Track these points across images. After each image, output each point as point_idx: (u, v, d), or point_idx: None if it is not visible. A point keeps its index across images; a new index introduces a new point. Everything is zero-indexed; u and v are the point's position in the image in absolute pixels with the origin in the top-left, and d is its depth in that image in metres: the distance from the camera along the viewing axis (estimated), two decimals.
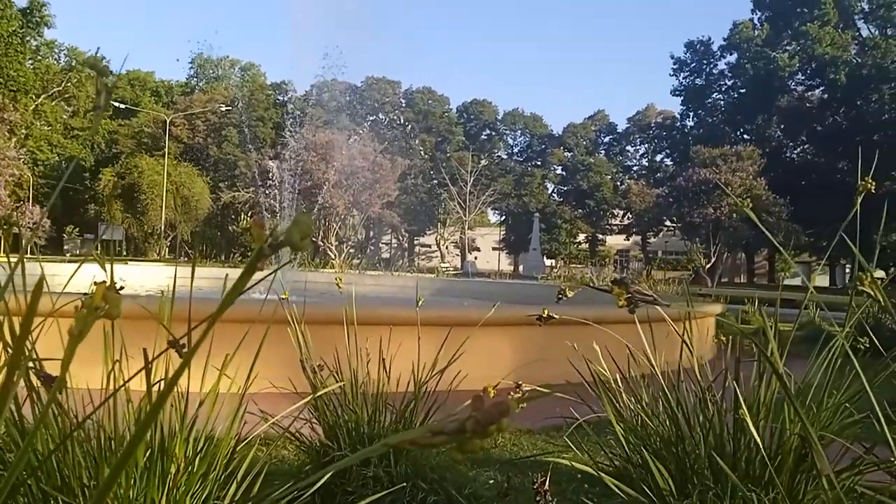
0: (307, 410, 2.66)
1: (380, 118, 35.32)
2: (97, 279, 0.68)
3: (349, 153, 30.47)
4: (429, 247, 58.37)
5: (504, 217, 58.62)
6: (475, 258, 49.16)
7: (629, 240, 57.85)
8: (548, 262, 44.20)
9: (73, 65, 47.74)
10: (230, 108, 47.31)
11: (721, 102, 48.74)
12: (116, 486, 1.57)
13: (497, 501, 2.61)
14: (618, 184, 55.27)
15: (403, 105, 56.03)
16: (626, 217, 52.95)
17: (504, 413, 0.44)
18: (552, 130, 58.41)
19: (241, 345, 1.91)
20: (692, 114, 50.30)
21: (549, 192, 57.46)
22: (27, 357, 1.33)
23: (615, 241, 59.43)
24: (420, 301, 3.08)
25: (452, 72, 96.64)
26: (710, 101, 48.98)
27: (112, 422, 1.65)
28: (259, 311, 2.15)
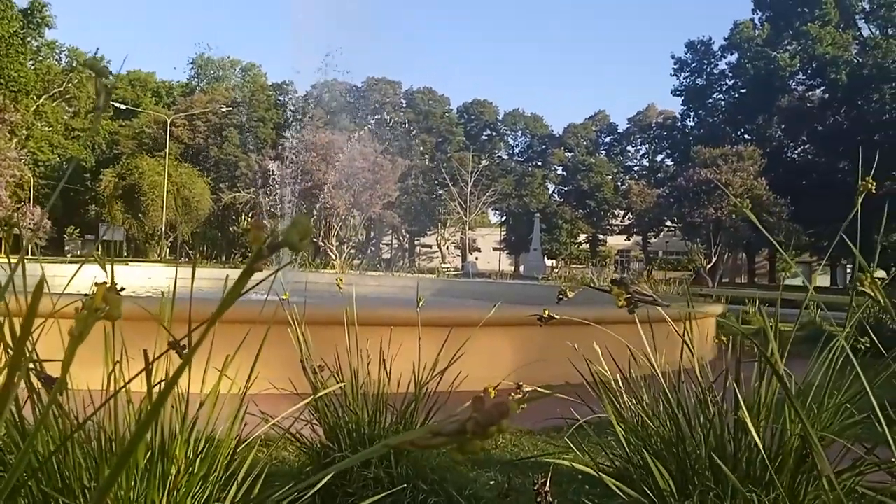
0: (308, 411, 2.66)
1: (381, 118, 35.31)
2: (98, 280, 0.68)
3: (350, 154, 30.46)
4: (429, 247, 58.39)
5: (505, 217, 58.64)
6: (476, 258, 49.15)
7: (630, 240, 57.84)
8: (548, 263, 44.19)
9: (74, 65, 47.75)
10: (231, 109, 47.35)
11: (722, 102, 48.75)
12: (117, 488, 1.57)
13: (498, 502, 2.61)
14: (618, 184, 55.28)
15: (404, 105, 56.04)
16: (627, 217, 52.95)
17: (504, 414, 0.44)
18: (553, 131, 58.45)
19: (242, 346, 1.91)
20: (693, 114, 50.32)
21: (550, 193, 57.48)
22: (28, 358, 1.33)
23: (616, 242, 59.43)
24: (420, 302, 3.08)
25: (453, 72, 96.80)
26: (711, 101, 48.99)
27: (112, 423, 1.65)
28: (260, 312, 2.15)
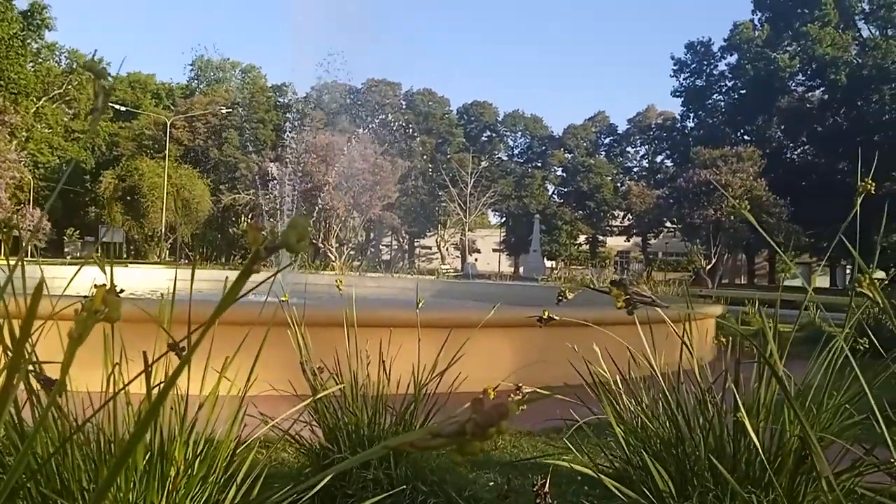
0: (307, 413, 2.66)
1: (381, 120, 35.36)
2: (97, 282, 0.68)
3: (349, 155, 30.45)
4: (429, 248, 58.36)
5: (504, 218, 58.63)
6: (475, 260, 49.15)
7: (630, 241, 57.84)
8: (548, 264, 44.14)
9: (74, 67, 47.74)
10: (231, 111, 47.36)
11: (721, 103, 48.76)
12: (116, 490, 1.57)
13: (497, 503, 2.61)
14: (618, 185, 55.27)
15: (404, 107, 56.05)
16: (627, 218, 52.94)
17: (503, 415, 0.44)
18: (552, 132, 58.44)
19: (241, 347, 1.91)
20: (692, 115, 50.32)
21: (550, 194, 57.47)
22: (27, 360, 1.33)
23: (615, 243, 59.42)
24: (420, 303, 3.08)
25: (453, 74, 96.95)
26: (711, 102, 49.00)
27: (112, 425, 1.65)
28: (259, 314, 2.14)
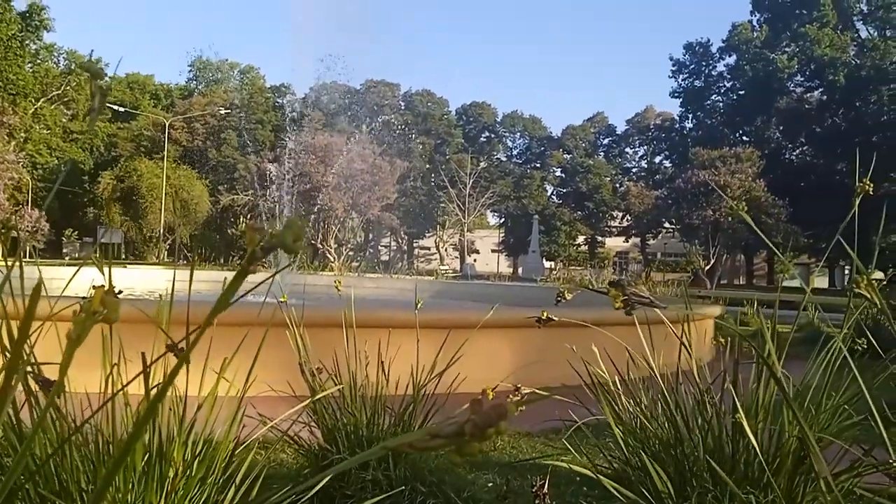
0: (306, 414, 2.66)
1: (387, 120, 35.35)
2: (96, 283, 0.68)
3: (348, 156, 30.45)
4: (428, 249, 58.38)
5: (503, 219, 58.63)
6: (474, 260, 49.16)
7: (628, 242, 57.88)
8: (547, 265, 44.16)
9: (73, 68, 47.71)
10: (229, 111, 47.34)
11: (720, 104, 48.81)
12: (115, 491, 1.57)
13: None
14: (617, 186, 55.30)
15: (402, 107, 56.05)
16: (626, 219, 52.97)
17: (502, 416, 0.44)
18: (551, 132, 58.46)
19: (240, 348, 1.90)
20: (691, 115, 50.37)
21: (549, 194, 57.48)
22: (26, 361, 1.33)
23: (614, 243, 59.45)
24: (419, 303, 3.08)
25: (452, 74, 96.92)
26: (709, 103, 49.05)
27: (110, 426, 1.65)
28: (258, 315, 2.14)
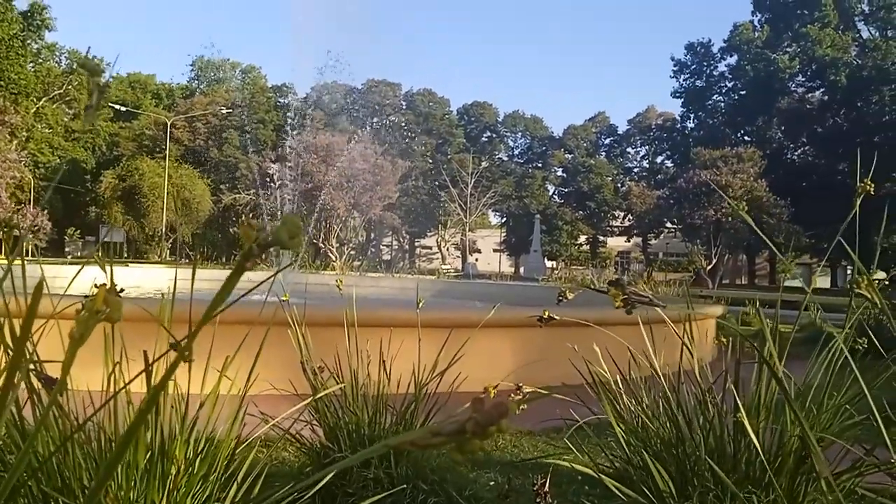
0: (308, 412, 2.66)
1: (382, 120, 35.32)
2: (98, 282, 0.69)
3: (350, 155, 30.45)
4: (429, 248, 58.38)
5: (505, 219, 58.64)
6: (476, 260, 49.13)
7: (630, 241, 57.84)
8: (548, 264, 44.17)
9: (74, 68, 47.75)
10: (231, 111, 47.38)
11: (721, 104, 48.78)
12: (117, 488, 1.57)
13: (497, 503, 2.61)
14: (618, 185, 55.29)
15: (404, 107, 56.05)
16: (627, 219, 52.95)
17: (504, 414, 0.44)
18: (553, 132, 58.44)
19: (242, 347, 1.91)
20: (692, 115, 50.35)
21: (550, 194, 57.48)
22: (28, 359, 1.33)
23: (616, 243, 59.43)
24: (420, 303, 3.08)
25: (453, 74, 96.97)
26: (711, 103, 49.02)
27: (112, 424, 1.65)
28: (259, 313, 2.15)
